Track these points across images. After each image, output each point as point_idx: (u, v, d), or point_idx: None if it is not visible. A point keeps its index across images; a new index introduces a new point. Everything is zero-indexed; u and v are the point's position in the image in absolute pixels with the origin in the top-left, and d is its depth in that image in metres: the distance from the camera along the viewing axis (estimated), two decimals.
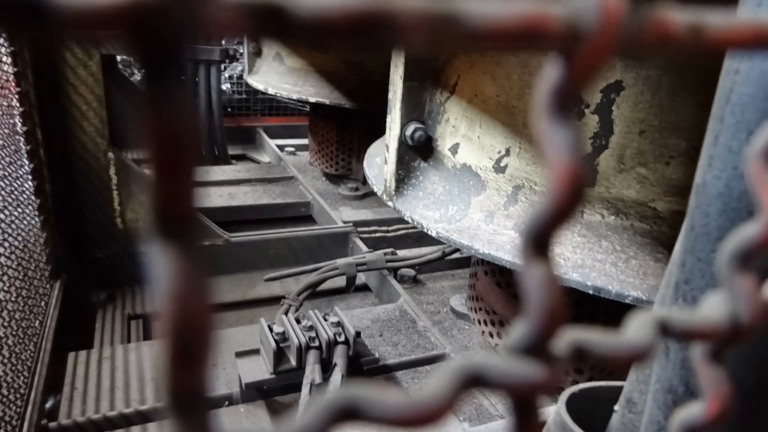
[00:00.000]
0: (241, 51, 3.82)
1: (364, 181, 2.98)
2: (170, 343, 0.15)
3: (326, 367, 1.39)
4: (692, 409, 0.28)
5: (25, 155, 1.71)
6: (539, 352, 0.20)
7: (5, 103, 1.58)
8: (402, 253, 2.25)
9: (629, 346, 0.22)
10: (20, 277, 1.45)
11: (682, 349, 0.53)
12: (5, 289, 1.31)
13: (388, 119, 1.66)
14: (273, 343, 1.40)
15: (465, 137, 1.53)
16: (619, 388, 0.71)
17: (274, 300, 2.03)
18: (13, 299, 1.36)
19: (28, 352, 1.42)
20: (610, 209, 1.28)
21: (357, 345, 1.48)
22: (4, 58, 1.60)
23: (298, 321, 1.48)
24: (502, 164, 1.44)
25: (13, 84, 1.66)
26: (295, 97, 3.01)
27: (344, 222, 2.50)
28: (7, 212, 1.42)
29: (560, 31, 0.17)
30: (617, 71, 1.21)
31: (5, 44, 1.61)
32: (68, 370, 1.49)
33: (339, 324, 1.47)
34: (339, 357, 1.40)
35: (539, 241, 0.19)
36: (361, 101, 2.87)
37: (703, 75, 1.13)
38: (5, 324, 1.27)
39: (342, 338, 1.44)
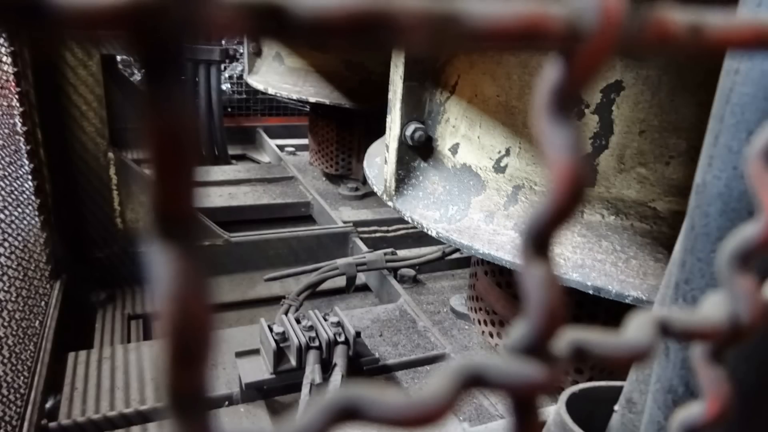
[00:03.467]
0: (241, 51, 3.83)
1: (364, 181, 2.98)
2: (170, 343, 0.15)
3: (326, 367, 1.39)
4: (692, 409, 0.27)
5: (25, 155, 1.71)
6: (539, 352, 0.20)
7: (5, 103, 1.58)
8: (402, 253, 2.25)
9: (629, 346, 0.22)
10: (20, 277, 1.45)
11: (682, 349, 0.53)
12: (5, 289, 1.31)
13: (388, 119, 1.65)
14: (273, 343, 1.40)
15: (465, 137, 1.53)
16: (619, 388, 0.71)
17: (274, 300, 2.03)
18: (13, 299, 1.36)
19: (28, 352, 1.42)
20: (610, 209, 1.28)
21: (357, 345, 1.48)
22: (4, 58, 1.60)
23: (298, 321, 1.48)
24: (502, 164, 1.44)
25: (13, 84, 1.66)
26: (295, 97, 3.01)
27: (344, 222, 2.50)
28: (7, 212, 1.42)
29: (560, 31, 0.17)
30: (617, 71, 1.21)
31: (5, 44, 1.61)
32: (68, 370, 1.49)
33: (339, 324, 1.47)
34: (339, 357, 1.40)
35: (539, 241, 0.19)
36: (361, 101, 2.87)
37: (703, 75, 1.13)
38: (5, 324, 1.27)
39: (342, 338, 1.44)
